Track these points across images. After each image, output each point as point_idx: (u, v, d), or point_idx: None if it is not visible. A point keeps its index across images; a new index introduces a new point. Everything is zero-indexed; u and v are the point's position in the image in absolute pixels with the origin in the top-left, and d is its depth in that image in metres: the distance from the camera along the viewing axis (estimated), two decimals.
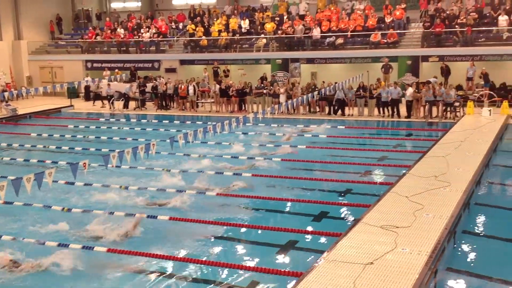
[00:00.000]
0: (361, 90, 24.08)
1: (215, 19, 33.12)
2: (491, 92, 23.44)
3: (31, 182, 9.73)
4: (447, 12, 27.74)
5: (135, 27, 34.64)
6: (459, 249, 9.58)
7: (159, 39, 33.07)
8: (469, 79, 25.01)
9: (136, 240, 10.61)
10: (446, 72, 25.68)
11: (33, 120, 26.35)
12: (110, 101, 28.08)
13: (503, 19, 25.89)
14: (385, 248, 8.55)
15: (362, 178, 14.17)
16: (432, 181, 12.21)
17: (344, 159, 16.35)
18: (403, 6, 28.86)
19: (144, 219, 11.47)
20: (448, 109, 22.33)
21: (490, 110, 21.23)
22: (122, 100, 28.31)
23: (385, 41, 27.81)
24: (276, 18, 31.53)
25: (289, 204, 12.42)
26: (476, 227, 10.65)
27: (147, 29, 33.73)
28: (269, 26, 30.76)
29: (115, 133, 22.30)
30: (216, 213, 11.95)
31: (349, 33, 28.77)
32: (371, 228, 9.49)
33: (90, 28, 36.32)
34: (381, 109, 23.72)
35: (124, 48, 33.96)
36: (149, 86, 28.80)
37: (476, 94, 23.70)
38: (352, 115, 24.18)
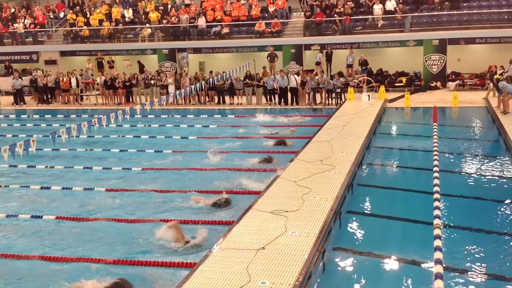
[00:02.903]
0: (247, 79, 24.45)
1: (93, 8, 31.94)
2: (369, 78, 24.79)
3: None
4: (326, 1, 28.85)
5: (10, 17, 32.50)
6: (345, 228, 10.07)
7: (36, 29, 31.30)
8: (349, 66, 26.28)
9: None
10: (329, 58, 26.75)
11: None
12: None
13: (378, 8, 27.41)
14: (276, 233, 8.79)
15: (253, 165, 14.40)
16: (318, 165, 12.71)
17: (235, 148, 16.53)
18: None
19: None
20: (331, 95, 23.32)
21: (369, 95, 22.48)
22: None
23: (269, 30, 28.39)
24: (160, 8, 31.03)
25: (182, 195, 12.33)
26: (359, 207, 11.23)
27: (23, 19, 31.78)
28: (154, 15, 30.22)
29: None
30: (106, 208, 11.65)
31: (237, 23, 29.02)
32: (262, 214, 9.71)
33: None
34: (268, 97, 24.23)
35: None
36: (26, 79, 27.21)
37: (356, 81, 24.95)
38: (241, 103, 24.48)
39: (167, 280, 8.23)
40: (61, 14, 32.65)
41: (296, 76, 23.72)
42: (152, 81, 25.49)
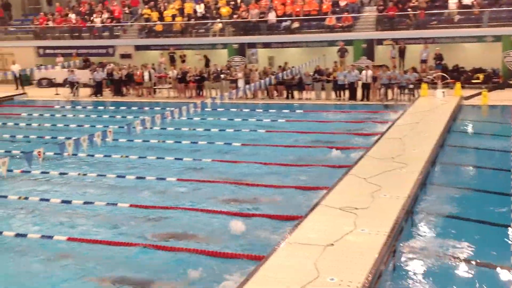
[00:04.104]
0: (316, 74, 24.26)
1: (166, 3, 32.62)
2: (444, 74, 23.99)
3: None
4: None
5: (88, 12, 33.78)
6: (416, 228, 9.82)
7: (112, 24, 32.40)
8: (423, 61, 25.52)
9: None
10: (402, 54, 26.11)
11: None
12: (75, 88, 27.35)
13: (453, 2, 26.47)
14: (345, 229, 8.69)
15: (321, 161, 14.32)
16: (389, 162, 12.45)
17: (305, 143, 16.49)
18: None
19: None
20: (403, 91, 22.76)
21: (443, 92, 21.74)
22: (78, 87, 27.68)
23: (340, 24, 28.03)
24: (231, 2, 31.30)
25: (251, 188, 12.44)
26: (432, 207, 10.88)
27: (100, 13, 32.96)
28: (225, 10, 30.54)
29: (71, 121, 21.84)
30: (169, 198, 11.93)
31: (307, 17, 28.85)
32: (330, 210, 9.63)
33: (41, 13, 35.22)
34: (338, 92, 23.95)
35: (77, 34, 33.12)
36: (104, 72, 28.15)
37: (430, 77, 24.20)
38: (310, 98, 24.35)
39: (235, 272, 8.32)
40: (139, 11, 33.56)
41: (368, 71, 23.32)
42: (222, 75, 25.79)
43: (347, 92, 23.61)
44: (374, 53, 27.20)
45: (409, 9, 27.12)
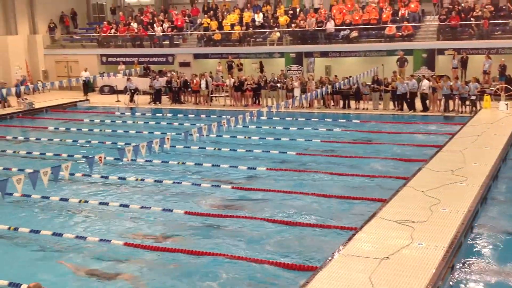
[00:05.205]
0: (374, 84, 23.89)
1: (225, 13, 33.04)
2: (508, 86, 23.15)
3: (47, 175, 9.86)
4: (462, 4, 27.43)
5: (150, 21, 34.66)
6: (476, 244, 9.48)
7: (173, 33, 33.12)
8: (485, 72, 24.73)
9: None
10: (464, 64, 25.38)
11: (49, 114, 26.51)
12: (133, 95, 28.07)
13: None
14: (401, 243, 8.52)
15: (378, 172, 14.08)
16: (449, 175, 12.12)
17: (361, 153, 16.29)
18: None
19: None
20: (465, 103, 22.10)
21: (507, 104, 20.98)
22: (137, 94, 28.37)
23: (400, 34, 27.56)
24: (289, 12, 31.37)
25: (305, 197, 12.37)
26: (493, 223, 10.50)
27: (161, 23, 33.75)
28: (283, 19, 30.62)
29: (130, 127, 22.42)
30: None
31: (366, 26, 28.55)
32: (387, 223, 9.46)
33: (105, 22, 36.43)
34: (396, 103, 23.52)
35: (139, 43, 34.03)
36: (163, 80, 28.81)
37: (493, 88, 23.42)
38: (367, 109, 24.02)
39: (288, 282, 8.28)
40: (198, 20, 34.14)
41: (423, 81, 22.79)
42: (278, 84, 25.85)
43: (405, 103, 23.14)
44: (435, 63, 26.58)
45: (472, 19, 26.38)
